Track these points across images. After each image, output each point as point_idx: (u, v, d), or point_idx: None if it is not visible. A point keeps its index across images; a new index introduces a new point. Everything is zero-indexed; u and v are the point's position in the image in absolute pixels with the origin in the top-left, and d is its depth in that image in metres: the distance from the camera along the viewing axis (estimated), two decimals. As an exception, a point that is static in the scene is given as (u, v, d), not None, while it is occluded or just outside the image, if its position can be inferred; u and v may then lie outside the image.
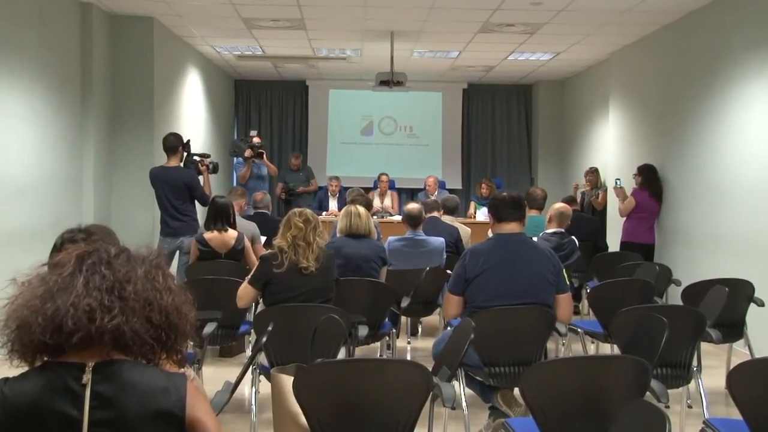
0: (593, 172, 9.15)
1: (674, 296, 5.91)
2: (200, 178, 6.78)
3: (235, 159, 9.82)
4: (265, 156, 9.21)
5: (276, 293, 3.97)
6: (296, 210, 4.15)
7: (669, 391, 3.23)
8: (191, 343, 3.99)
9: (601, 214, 8.82)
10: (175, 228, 6.44)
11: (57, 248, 2.51)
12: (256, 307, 4.91)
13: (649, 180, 7.38)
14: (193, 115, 9.21)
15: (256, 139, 9.18)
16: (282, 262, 3.95)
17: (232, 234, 5.56)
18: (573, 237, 5.90)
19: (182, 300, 1.57)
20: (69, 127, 6.54)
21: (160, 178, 6.49)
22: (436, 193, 9.97)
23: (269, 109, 12.34)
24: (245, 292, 4.09)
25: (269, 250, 4.18)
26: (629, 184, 7.66)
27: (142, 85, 7.49)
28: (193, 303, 1.61)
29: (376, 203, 10.01)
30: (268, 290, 4.01)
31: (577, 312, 6.82)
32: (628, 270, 5.68)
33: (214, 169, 7.01)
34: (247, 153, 8.90)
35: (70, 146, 6.57)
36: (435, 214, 6.75)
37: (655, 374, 3.44)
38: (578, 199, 8.82)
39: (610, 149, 9.07)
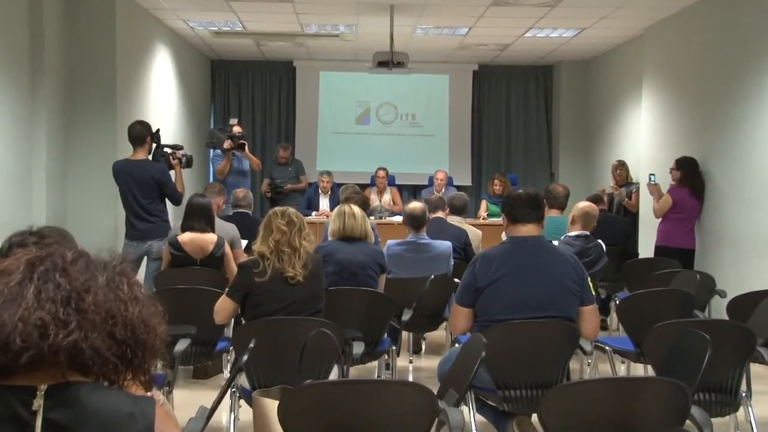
0: (621, 166, 9.09)
1: (718, 309, 5.90)
2: (171, 173, 6.77)
3: (212, 151, 9.81)
4: (246, 148, 9.20)
5: (258, 305, 3.98)
6: (277, 210, 4.14)
7: (713, 419, 3.22)
8: (160, 362, 3.98)
9: (632, 214, 8.81)
10: (143, 230, 6.43)
11: (3, 253, 2.50)
12: (235, 322, 4.91)
13: (689, 175, 7.37)
14: (163, 101, 9.21)
15: (236, 128, 9.17)
16: (264, 269, 3.95)
17: (210, 238, 5.56)
18: (600, 241, 5.90)
19: (151, 312, 1.56)
20: (16, 114, 6.52)
21: (124, 173, 6.48)
22: (443, 190, 9.97)
23: (251, 93, 12.35)
24: (223, 305, 4.11)
25: (250, 257, 4.17)
26: (665, 180, 7.65)
27: (102, 66, 7.48)
28: (164, 315, 1.60)
29: (374, 201, 10.00)
30: (249, 302, 4.01)
31: (604, 327, 6.81)
32: (664, 279, 5.67)
33: (188, 163, 7.01)
34: (226, 144, 8.90)
35: (18, 135, 6.56)
36: (440, 214, 6.75)
37: (696, 400, 3.43)
38: (605, 199, 8.75)
39: (643, 140, 9.07)
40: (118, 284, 1.53)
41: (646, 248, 8.24)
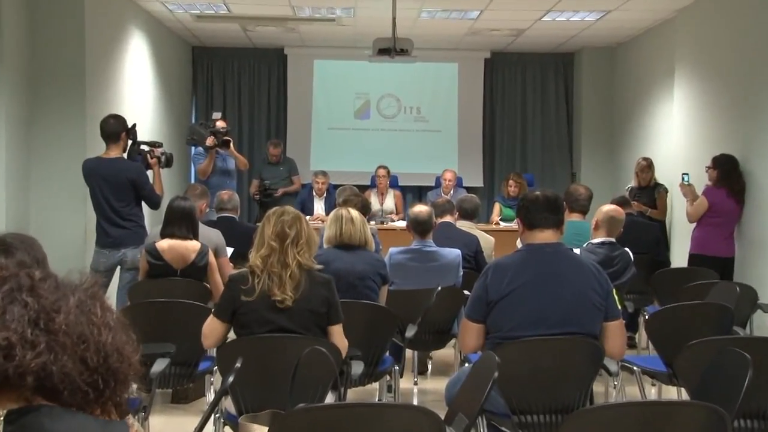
0: (648, 167, 8.93)
1: (761, 325, 5.91)
2: (149, 173, 6.78)
3: (193, 149, 9.82)
4: (232, 145, 9.21)
5: (244, 326, 3.93)
6: (271, 215, 4.02)
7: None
8: (135, 386, 3.98)
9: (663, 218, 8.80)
10: (116, 237, 6.44)
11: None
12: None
13: (727, 174, 7.37)
14: (138, 93, 9.22)
15: (220, 123, 9.19)
16: (253, 287, 3.86)
17: (193, 245, 5.56)
18: (626, 248, 5.90)
19: (124, 340, 1.57)
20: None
21: (96, 173, 6.49)
22: (451, 192, 9.98)
23: (237, 84, 12.36)
24: (211, 327, 3.99)
25: (240, 269, 4.12)
26: (700, 180, 7.65)
27: (70, 53, 7.47)
28: (138, 343, 1.60)
29: (375, 205, 10.02)
30: (236, 321, 3.94)
31: (632, 345, 6.81)
32: (699, 291, 5.67)
33: (167, 162, 7.02)
34: (209, 141, 8.91)
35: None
36: (448, 218, 6.76)
37: (735, 427, 3.43)
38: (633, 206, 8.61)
39: (675, 135, 9.07)
40: (90, 307, 1.54)
41: (679, 257, 8.23)
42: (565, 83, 12.38)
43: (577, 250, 5.10)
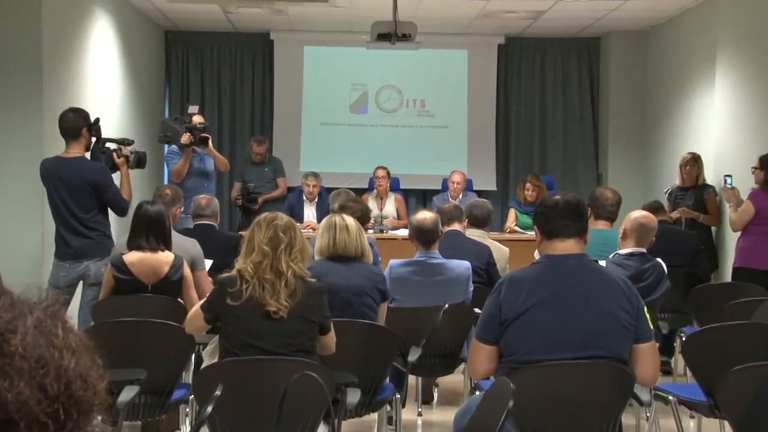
0: (694, 162, 8.89)
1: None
2: (115, 175, 6.79)
3: (166, 147, 9.83)
4: (210, 143, 9.22)
5: (229, 335, 4.01)
6: (262, 220, 4.13)
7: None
8: (100, 418, 3.99)
9: (701, 226, 8.76)
10: (78, 248, 6.44)
11: None
12: (196, 365, 4.92)
13: (775, 176, 7.40)
14: (104, 83, 9.23)
15: (197, 118, 9.20)
16: (240, 292, 3.98)
17: (165, 257, 5.55)
18: (659, 260, 5.91)
19: (88, 365, 1.57)
20: None
21: (54, 175, 6.48)
22: (460, 197, 9.99)
23: (216, 74, 12.37)
24: (195, 317, 4.23)
25: (225, 274, 4.17)
26: (746, 183, 7.66)
27: (25, 40, 7.46)
28: (104, 369, 1.61)
29: (373, 211, 10.02)
30: (222, 330, 4.04)
31: (667, 371, 6.81)
32: (744, 309, 5.66)
33: (138, 162, 7.01)
34: (185, 138, 8.92)
35: None
36: (456, 226, 6.78)
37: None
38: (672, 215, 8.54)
39: (716, 131, 9.07)
40: (51, 328, 1.54)
41: (721, 270, 8.22)
42: (590, 72, 12.39)
43: (602, 262, 5.11)
